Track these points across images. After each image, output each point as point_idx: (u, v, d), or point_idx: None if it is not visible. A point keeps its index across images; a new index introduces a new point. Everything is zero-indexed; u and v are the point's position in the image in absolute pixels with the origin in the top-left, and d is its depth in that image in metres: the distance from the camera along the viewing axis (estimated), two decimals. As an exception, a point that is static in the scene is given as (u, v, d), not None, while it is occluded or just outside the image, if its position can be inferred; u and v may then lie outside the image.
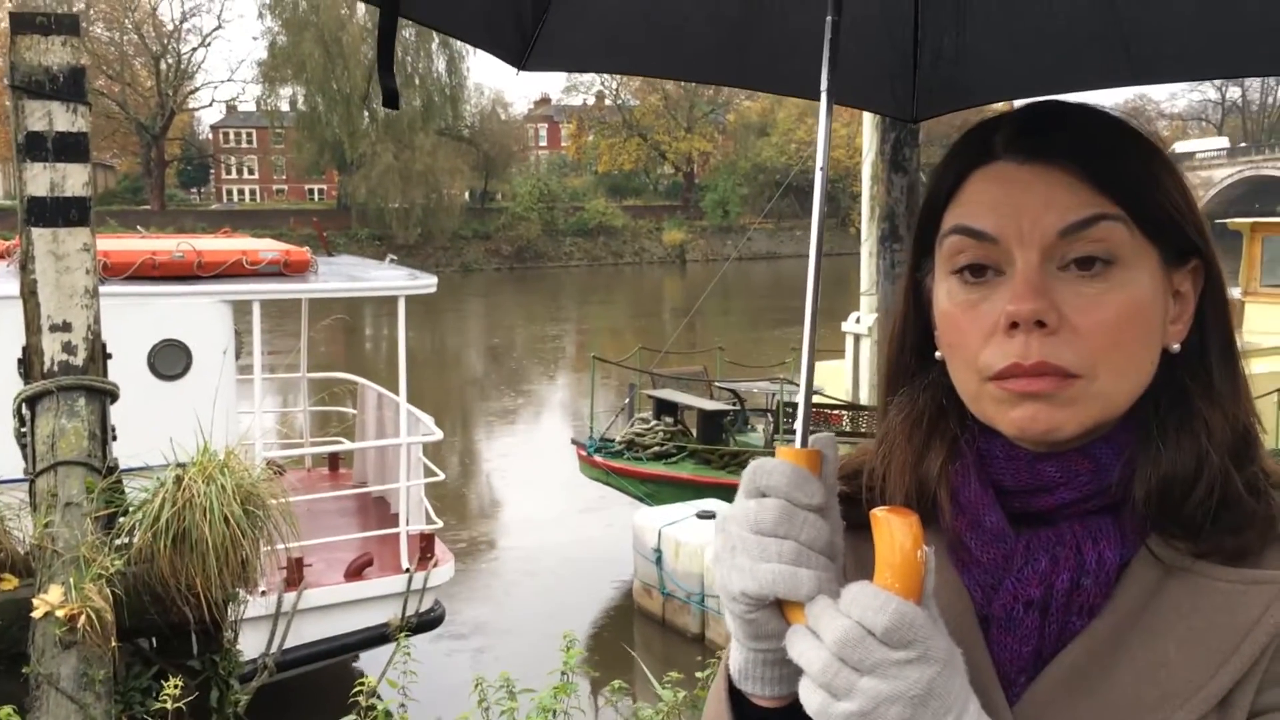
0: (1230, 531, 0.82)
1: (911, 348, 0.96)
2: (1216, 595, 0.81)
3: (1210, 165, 75.94)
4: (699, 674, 4.64)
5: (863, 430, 12.33)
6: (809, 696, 0.75)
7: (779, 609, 0.80)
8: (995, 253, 0.85)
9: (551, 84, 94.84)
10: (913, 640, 0.73)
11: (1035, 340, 0.82)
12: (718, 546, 0.84)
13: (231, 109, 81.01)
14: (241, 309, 8.59)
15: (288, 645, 7.70)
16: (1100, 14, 1.33)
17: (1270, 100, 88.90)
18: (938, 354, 0.91)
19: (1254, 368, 11.87)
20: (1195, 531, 0.83)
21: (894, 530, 0.75)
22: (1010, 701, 0.84)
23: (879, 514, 0.77)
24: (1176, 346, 0.87)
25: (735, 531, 0.82)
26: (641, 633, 10.62)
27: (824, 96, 1.01)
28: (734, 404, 13.91)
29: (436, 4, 1.23)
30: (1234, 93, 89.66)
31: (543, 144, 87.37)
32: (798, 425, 0.90)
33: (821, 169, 0.99)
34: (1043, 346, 0.82)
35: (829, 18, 1.01)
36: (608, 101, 72.73)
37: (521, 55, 1.37)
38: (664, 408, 13.79)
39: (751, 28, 1.42)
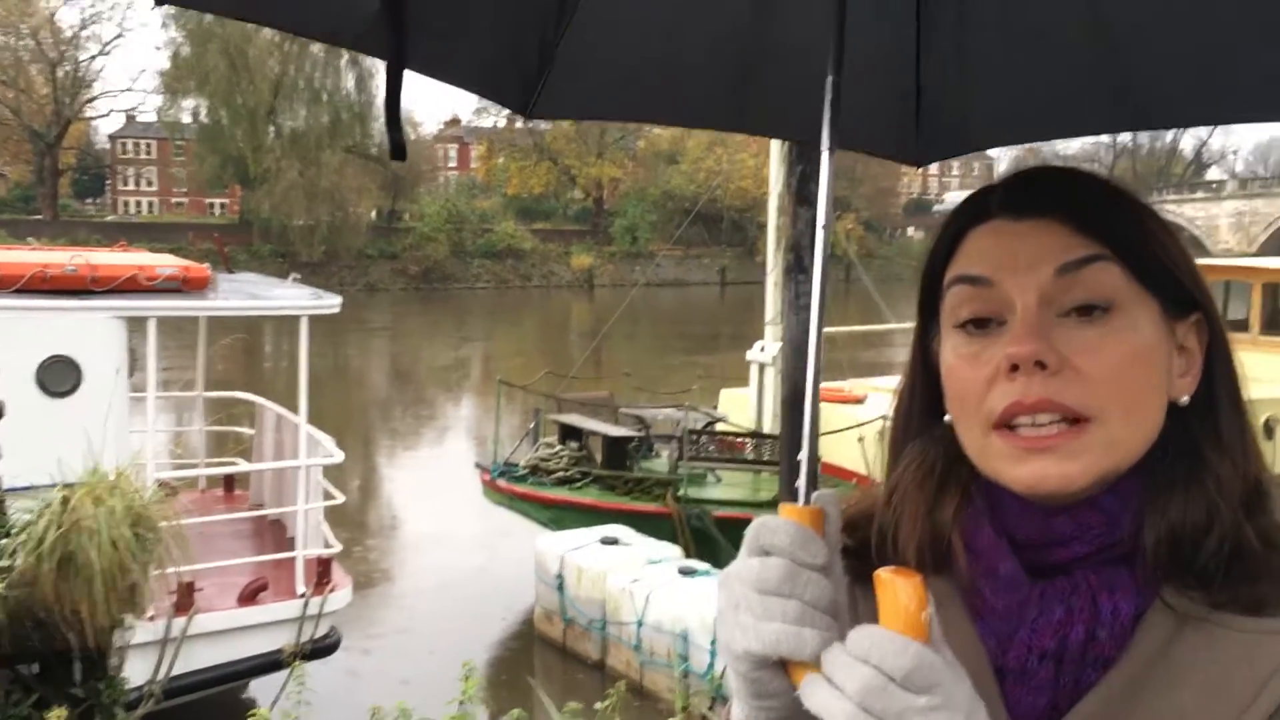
0: (1245, 582, 0.82)
1: (920, 412, 0.96)
2: (1234, 645, 0.81)
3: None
4: (598, 704, 4.62)
5: (766, 459, 12.46)
6: None
7: (782, 668, 0.79)
8: (995, 300, 0.87)
9: (462, 105, 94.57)
10: (934, 685, 0.71)
11: (1036, 381, 0.82)
12: (720, 604, 0.83)
13: (131, 119, 78.98)
14: (137, 326, 8.36)
15: (176, 672, 7.50)
16: (1099, 60, 1.36)
17: (1159, 144, 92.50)
18: (946, 417, 0.91)
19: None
20: (1209, 582, 0.83)
21: (898, 591, 0.74)
22: None
23: (883, 574, 0.76)
24: (1185, 399, 0.88)
25: (739, 590, 0.80)
26: (542, 660, 10.54)
27: (825, 155, 1.01)
28: (639, 430, 13.94)
29: (441, 56, 1.22)
30: (1125, 136, 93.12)
31: (452, 165, 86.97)
32: (800, 483, 0.89)
33: (824, 226, 0.99)
34: (1045, 386, 0.82)
35: (829, 77, 1.02)
36: (519, 125, 72.69)
37: (526, 104, 1.38)
38: (569, 433, 13.75)
39: (756, 75, 1.44)
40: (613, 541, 10.47)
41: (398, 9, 1.00)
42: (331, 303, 9.25)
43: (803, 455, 0.93)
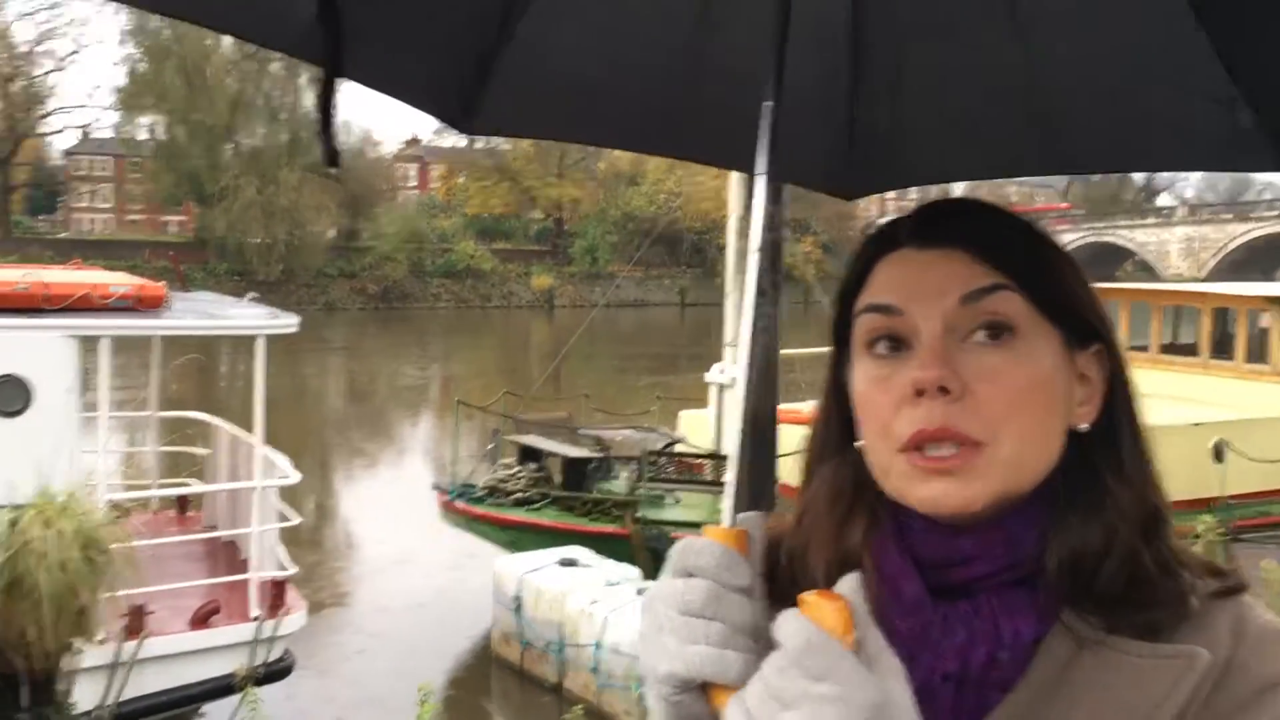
0: (1142, 607, 0.84)
1: (833, 437, 0.97)
2: (1128, 669, 0.83)
3: (1056, 231, 79.63)
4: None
5: (724, 480, 12.46)
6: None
7: (704, 691, 0.79)
8: (902, 327, 0.89)
9: (422, 125, 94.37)
10: (829, 674, 0.70)
11: (939, 407, 0.84)
12: (643, 626, 0.83)
13: (87, 135, 78.08)
14: (89, 345, 8.25)
15: (126, 696, 7.40)
16: (1030, 107, 1.38)
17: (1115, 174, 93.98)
18: (859, 442, 0.92)
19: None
20: (1107, 606, 0.85)
21: (823, 615, 0.74)
22: None
23: (808, 598, 0.75)
24: (1085, 426, 0.90)
25: (662, 611, 0.80)
26: (500, 683, 10.47)
27: (759, 180, 1.02)
28: (598, 451, 13.92)
29: (379, 67, 1.20)
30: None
31: (412, 184, 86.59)
32: (725, 504, 0.90)
33: (758, 249, 1.00)
34: (946, 413, 0.84)
35: (766, 103, 1.03)
36: (479, 145, 72.65)
37: (465, 120, 1.37)
38: (528, 454, 13.70)
39: (696, 101, 1.44)
40: (571, 563, 10.43)
41: (334, 16, 0.99)
42: (288, 322, 9.18)
43: (729, 477, 0.95)
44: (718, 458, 13.07)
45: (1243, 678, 0.82)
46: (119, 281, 8.83)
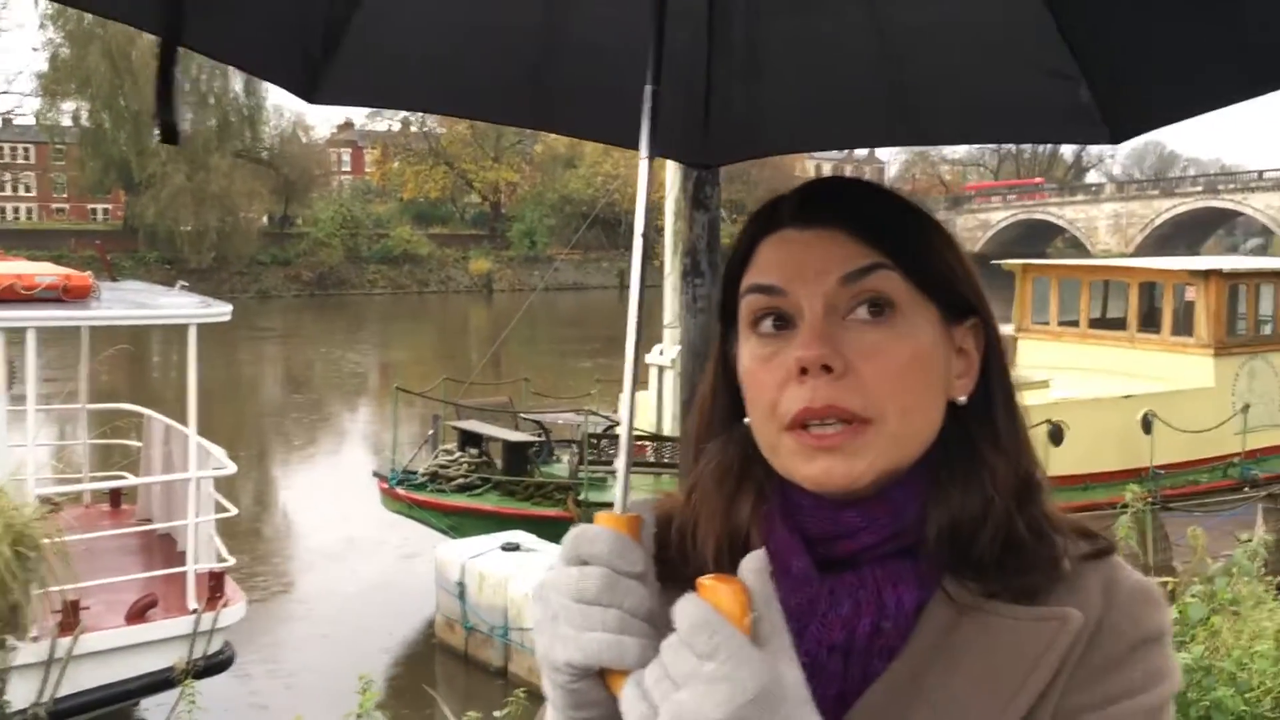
0: (1016, 572, 0.87)
1: (721, 416, 0.99)
2: (1006, 632, 0.86)
3: (988, 209, 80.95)
4: (496, 713, 4.59)
5: (666, 460, 12.53)
6: (631, 706, 0.75)
7: (602, 678, 0.80)
8: (786, 306, 0.90)
9: (356, 109, 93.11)
10: (716, 653, 0.72)
11: (823, 385, 0.86)
12: (538, 615, 0.84)
13: (7, 122, 75.99)
14: (15, 337, 8.08)
15: (62, 693, 7.29)
16: (884, 80, 1.41)
17: (1041, 149, 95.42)
18: (746, 420, 0.94)
19: (1024, 400, 12.63)
20: (984, 572, 0.88)
21: (721, 598, 0.75)
22: None
23: (706, 582, 0.76)
24: (963, 399, 0.93)
25: (557, 600, 0.82)
26: (444, 668, 10.44)
27: (643, 164, 1.03)
28: (539, 435, 13.91)
29: (221, 35, 1.17)
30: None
31: (346, 169, 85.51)
32: (617, 492, 0.91)
33: (642, 235, 1.02)
34: (830, 391, 0.86)
35: (648, 86, 1.04)
36: (413, 128, 71.89)
37: (310, 89, 1.34)
38: (468, 439, 13.65)
39: (552, 72, 1.43)
40: (514, 547, 10.42)
41: None
42: (221, 311, 9.05)
43: (619, 464, 0.96)
44: (659, 439, 13.12)
45: (1114, 636, 0.86)
46: (44, 272, 8.66)
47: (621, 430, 0.98)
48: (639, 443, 13.26)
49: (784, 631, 0.76)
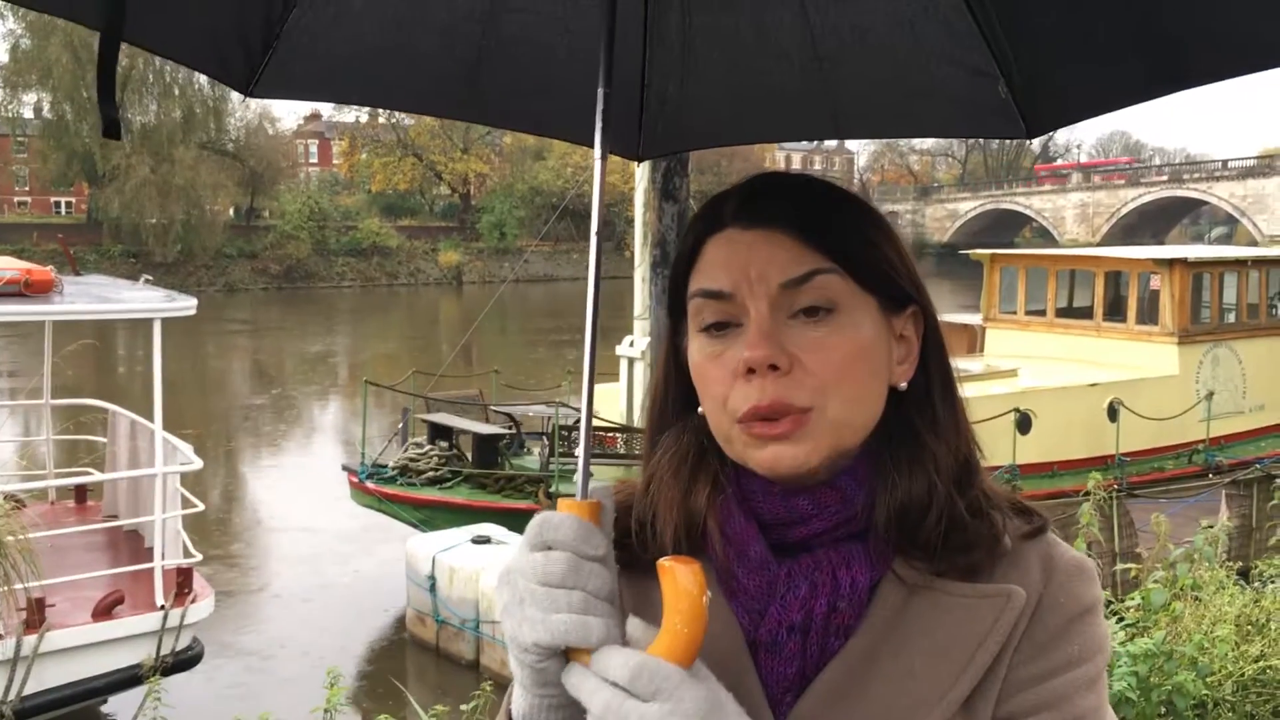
0: (961, 550, 0.92)
1: (674, 406, 1.03)
2: (954, 609, 0.91)
3: (956, 199, 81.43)
4: (463, 707, 4.59)
5: (637, 453, 12.53)
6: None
7: (565, 657, 0.85)
8: (732, 308, 0.94)
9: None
10: (659, 692, 0.79)
11: (770, 383, 0.90)
12: (504, 599, 0.88)
13: (-33, 114, 75.00)
14: (-24, 332, 7.99)
15: (28, 691, 7.23)
16: (809, 77, 1.44)
17: (1010, 140, 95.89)
18: (700, 409, 0.98)
19: (992, 388, 12.76)
20: (931, 553, 0.92)
21: (679, 578, 0.82)
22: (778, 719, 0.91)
23: (665, 564, 0.83)
24: (904, 385, 0.97)
25: (523, 585, 0.86)
26: (415, 662, 10.42)
27: (597, 164, 1.07)
28: (510, 427, 13.87)
29: (161, 29, 1.18)
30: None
31: (314, 161, 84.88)
32: (577, 478, 0.95)
33: (597, 234, 1.05)
34: (776, 388, 0.90)
35: (600, 89, 1.07)
36: (381, 120, 71.40)
37: (249, 82, 1.35)
38: (439, 432, 13.60)
39: (490, 67, 1.45)
40: (485, 540, 10.41)
41: None
42: (186, 305, 8.97)
43: (580, 450, 1.01)
44: (629, 430, 13.11)
45: (1054, 610, 0.92)
46: (5, 266, 8.53)
47: (581, 417, 1.01)
48: (609, 434, 13.26)
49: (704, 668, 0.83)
